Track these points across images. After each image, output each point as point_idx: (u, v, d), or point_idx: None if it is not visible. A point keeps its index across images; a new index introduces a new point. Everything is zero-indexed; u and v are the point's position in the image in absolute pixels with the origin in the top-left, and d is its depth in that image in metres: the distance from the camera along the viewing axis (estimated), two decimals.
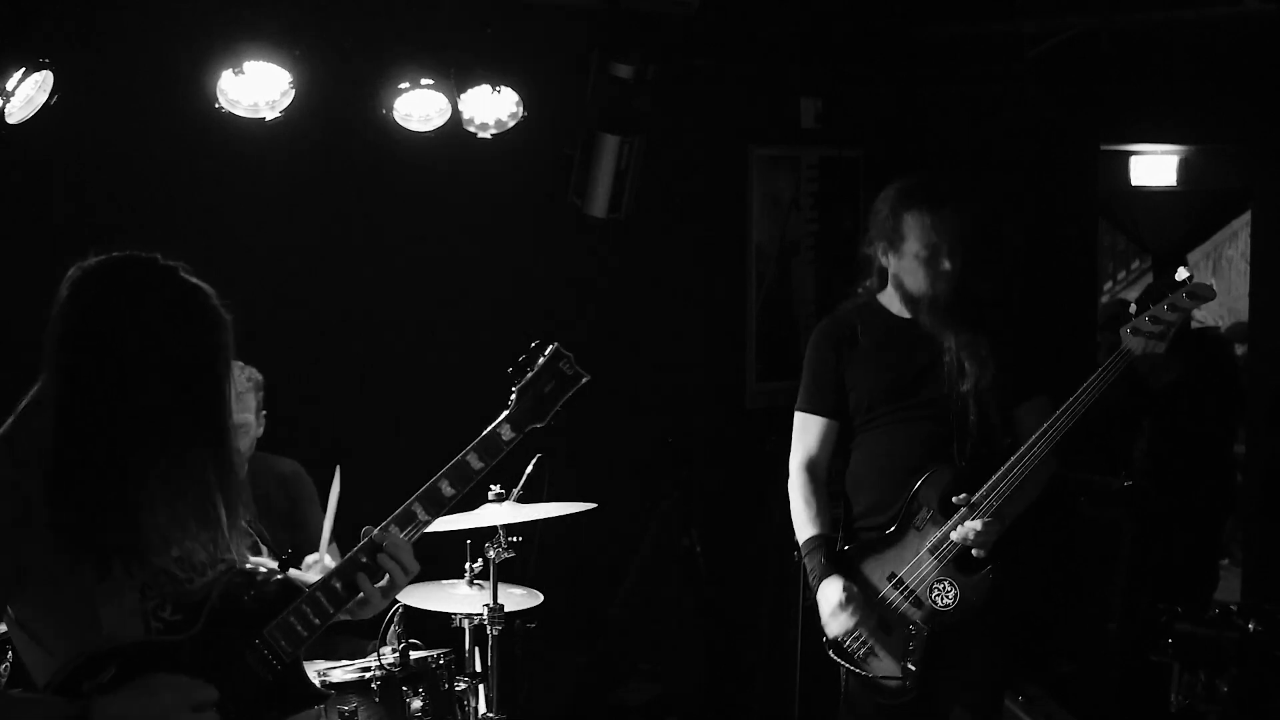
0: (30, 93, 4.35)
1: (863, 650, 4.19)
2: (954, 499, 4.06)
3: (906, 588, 4.14)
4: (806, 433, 4.39)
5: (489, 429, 3.23)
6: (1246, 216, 8.35)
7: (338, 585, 2.95)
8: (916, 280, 4.23)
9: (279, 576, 2.97)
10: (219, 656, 2.81)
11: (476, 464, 3.17)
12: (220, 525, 2.86)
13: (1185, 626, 4.73)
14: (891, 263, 4.30)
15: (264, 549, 3.56)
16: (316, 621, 2.92)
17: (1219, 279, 9.70)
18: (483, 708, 4.47)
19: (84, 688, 2.66)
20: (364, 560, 2.99)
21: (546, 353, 3.30)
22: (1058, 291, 7.14)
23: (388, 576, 3.01)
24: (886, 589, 4.17)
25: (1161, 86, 6.89)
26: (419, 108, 5.26)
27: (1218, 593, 7.08)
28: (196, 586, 2.83)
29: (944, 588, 4.10)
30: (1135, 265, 10.62)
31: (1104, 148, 7.65)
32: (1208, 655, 4.65)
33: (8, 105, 4.29)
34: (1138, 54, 6.78)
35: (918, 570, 4.12)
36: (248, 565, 2.95)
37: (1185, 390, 6.36)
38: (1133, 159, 8.50)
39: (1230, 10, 6.22)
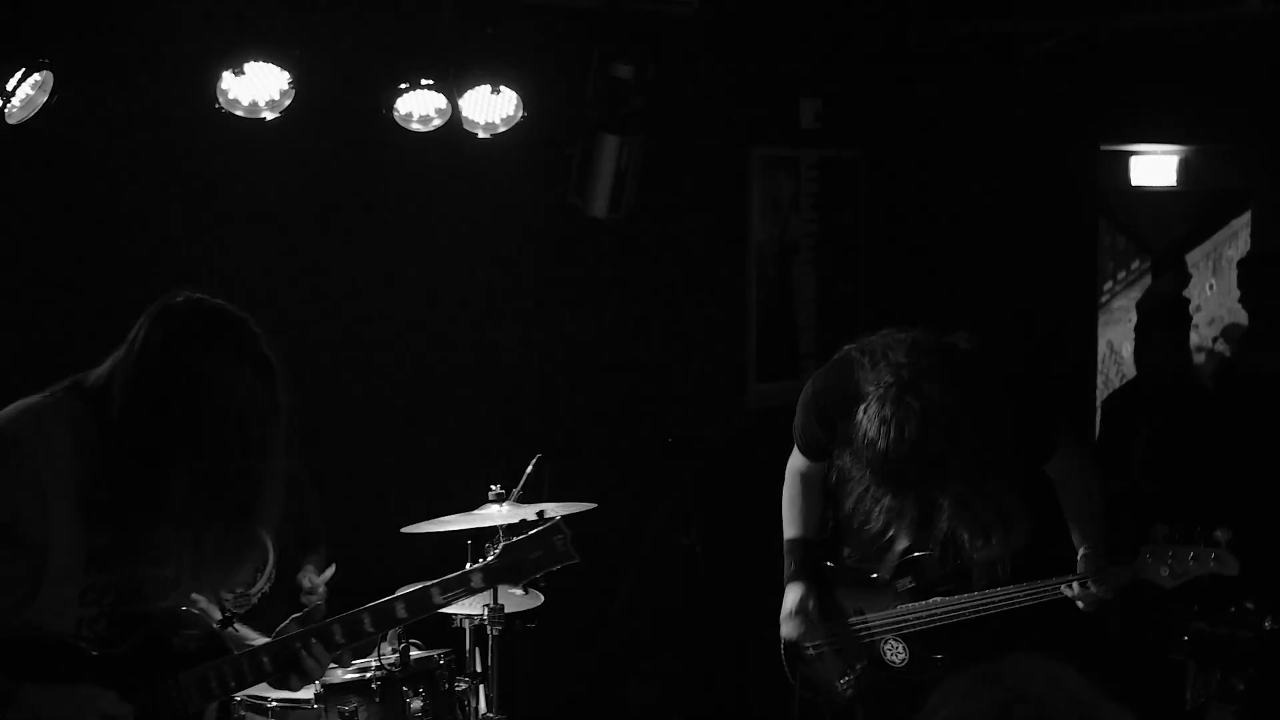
0: (30, 93, 4.35)
1: (810, 655, 4.23)
2: (931, 599, 4.09)
3: (868, 628, 4.18)
4: (795, 454, 4.41)
5: (463, 570, 3.26)
6: (1246, 216, 8.34)
7: (264, 660, 3.02)
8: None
9: (214, 629, 3.04)
10: (135, 682, 2.89)
11: (438, 598, 3.22)
12: (204, 572, 2.92)
13: (1201, 625, 4.72)
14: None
15: (213, 604, 3.62)
16: (232, 684, 2.99)
17: (1219, 279, 9.69)
18: (483, 708, 4.47)
19: (11, 670, 2.75)
20: (293, 649, 3.03)
21: (547, 523, 3.29)
22: (1058, 291, 7.14)
23: (297, 678, 3.07)
24: (851, 619, 4.21)
25: (1161, 86, 6.89)
26: (419, 108, 5.26)
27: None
28: (137, 610, 2.88)
29: (898, 647, 4.14)
30: (1135, 265, 10.60)
31: (1104, 148, 7.65)
32: (1224, 653, 4.65)
33: (7, 106, 4.29)
34: (1137, 54, 6.79)
35: (881, 621, 4.16)
36: (192, 609, 3.01)
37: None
38: (1133, 159, 8.48)
39: (1230, 11, 6.22)
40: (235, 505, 2.85)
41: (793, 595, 4.22)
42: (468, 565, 3.41)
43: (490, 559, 3.25)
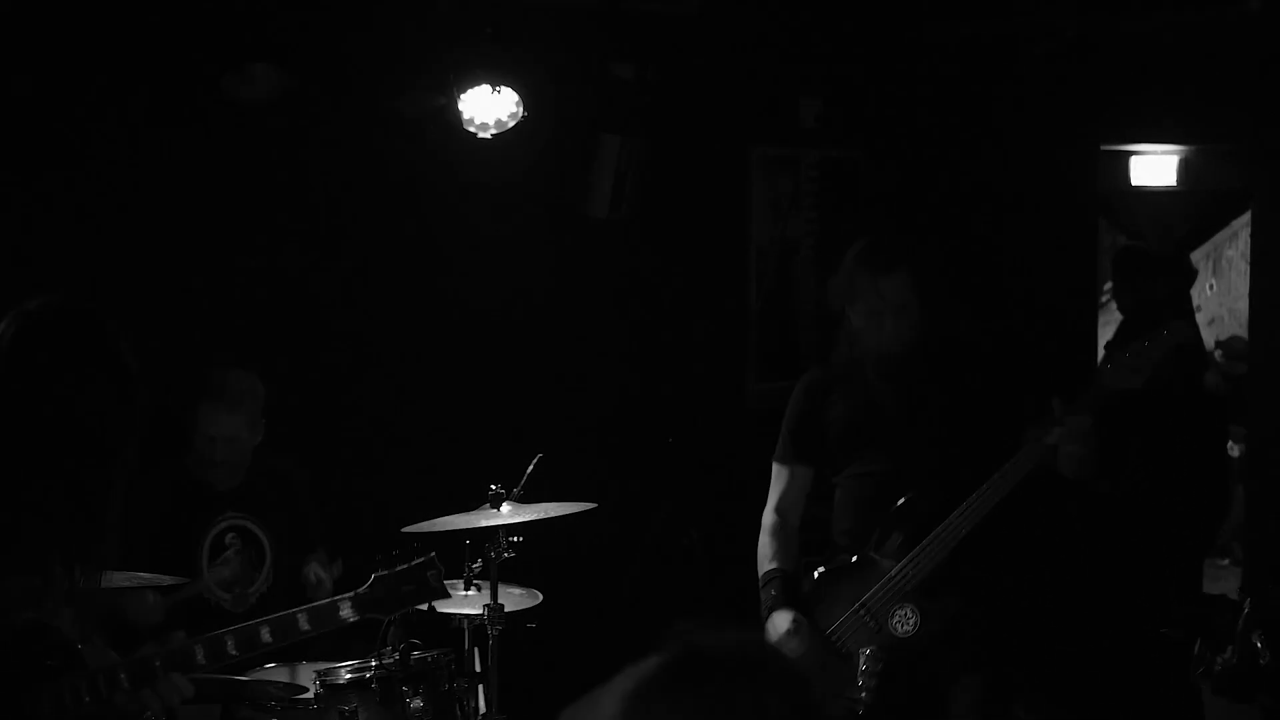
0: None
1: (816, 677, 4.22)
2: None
3: (870, 613, 4.16)
4: (779, 480, 4.46)
5: (331, 599, 3.21)
6: (1246, 216, 8.34)
7: (121, 676, 2.95)
8: (870, 339, 4.29)
9: (75, 644, 2.97)
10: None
11: (304, 625, 3.15)
12: (66, 579, 2.89)
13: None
14: (852, 320, 4.35)
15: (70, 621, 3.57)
16: (86, 699, 2.92)
17: (1219, 279, 9.69)
18: (483, 708, 4.47)
19: None
20: (150, 668, 2.98)
21: (421, 559, 3.25)
22: (1058, 291, 7.14)
23: (153, 697, 3.00)
24: (849, 613, 4.19)
25: (1161, 86, 6.89)
26: (419, 108, 5.25)
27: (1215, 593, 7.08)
28: None
29: (905, 614, 4.11)
30: None
31: (1104, 148, 7.65)
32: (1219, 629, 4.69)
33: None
34: (1138, 54, 6.79)
35: (881, 595, 4.14)
36: (53, 622, 2.96)
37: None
38: (1133, 159, 8.50)
39: (1230, 11, 6.22)
40: (87, 510, 2.81)
41: (782, 620, 4.22)
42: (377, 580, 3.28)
43: (361, 589, 3.21)
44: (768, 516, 4.47)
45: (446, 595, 3.31)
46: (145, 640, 4.55)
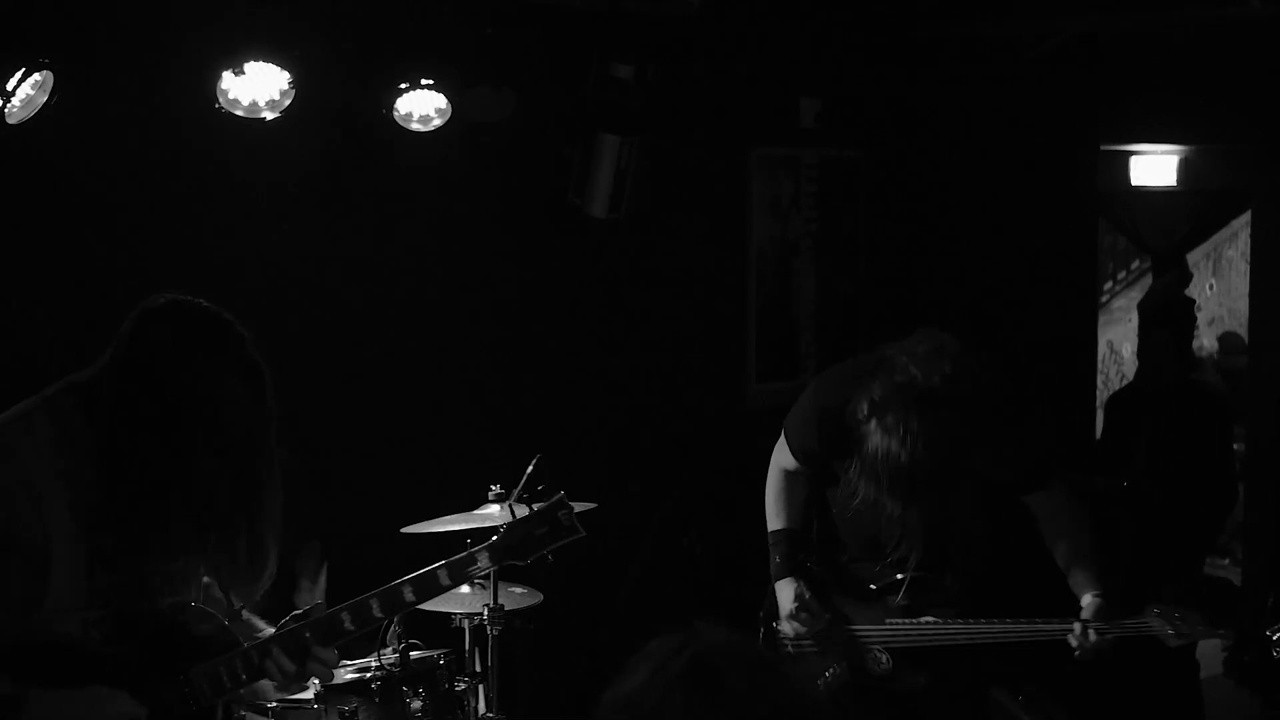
0: (30, 93, 4.35)
1: (788, 651, 4.24)
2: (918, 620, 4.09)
3: (852, 639, 4.18)
4: (783, 452, 4.35)
5: (469, 551, 3.21)
6: (1246, 216, 8.35)
7: (274, 650, 3.01)
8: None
9: (223, 623, 3.03)
10: (146, 680, 2.89)
11: (445, 580, 3.19)
12: (219, 568, 2.93)
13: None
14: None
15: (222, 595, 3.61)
16: (243, 676, 2.99)
17: (1219, 279, 9.69)
18: (483, 708, 4.47)
19: (19, 676, 2.75)
20: (302, 640, 3.03)
21: (552, 500, 3.27)
22: (1058, 292, 7.14)
23: (310, 670, 3.06)
24: (835, 624, 4.20)
25: (1161, 86, 6.89)
26: (419, 108, 5.26)
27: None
28: (144, 608, 2.88)
29: (883, 659, 4.14)
30: (1135, 265, 10.61)
31: (1104, 148, 7.65)
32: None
33: (7, 106, 4.29)
34: (1137, 54, 6.79)
35: (869, 632, 4.16)
36: (199, 604, 3.00)
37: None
38: (1133, 159, 8.49)
39: (1230, 11, 6.22)
40: (237, 503, 2.86)
41: (788, 591, 4.19)
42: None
43: (495, 538, 3.23)
44: (775, 468, 4.34)
45: (581, 533, 3.30)
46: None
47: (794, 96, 6.83)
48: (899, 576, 4.09)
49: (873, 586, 4.17)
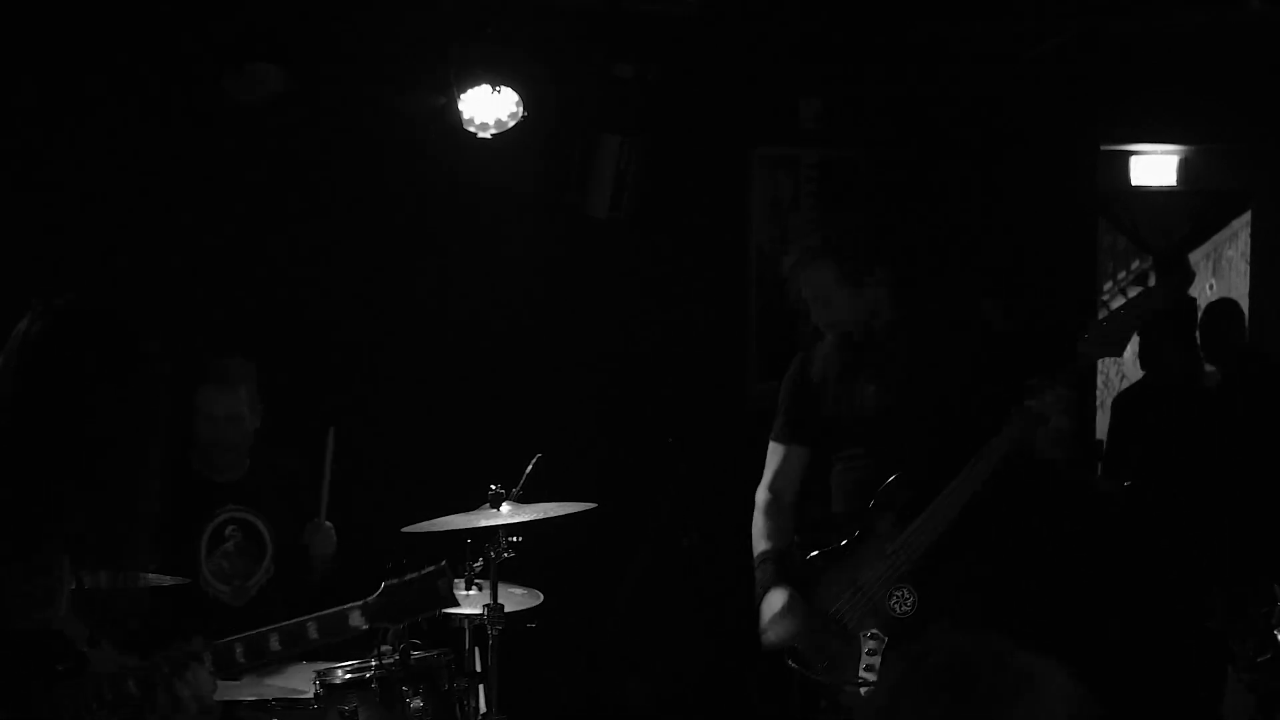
0: None
1: (817, 658, 4.21)
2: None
3: (867, 595, 4.15)
4: (775, 457, 4.47)
5: (341, 607, 3.14)
6: (1246, 216, 8.34)
7: (129, 683, 2.89)
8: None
9: (80, 649, 2.92)
10: (4, 703, 2.81)
11: (313, 634, 3.08)
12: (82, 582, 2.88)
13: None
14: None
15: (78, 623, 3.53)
16: (108, 697, 2.87)
17: (1219, 279, 9.69)
18: (483, 708, 4.47)
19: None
20: (161, 673, 2.91)
21: (431, 567, 3.23)
22: (1058, 291, 7.14)
23: (166, 703, 2.93)
24: (846, 597, 4.18)
25: (1161, 86, 6.89)
26: (420, 107, 5.25)
27: None
28: (9, 626, 2.82)
29: (903, 595, 4.10)
30: (1135, 265, 10.60)
31: (1104, 148, 7.65)
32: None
33: None
34: (1137, 54, 6.78)
35: (877, 577, 4.13)
36: (62, 626, 2.93)
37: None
38: (1133, 159, 8.48)
39: (1230, 11, 6.22)
40: (109, 511, 2.81)
41: (777, 598, 4.21)
42: (372, 595, 3.22)
43: (370, 598, 3.19)
44: (761, 494, 4.48)
45: (456, 604, 3.28)
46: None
47: (794, 96, 6.83)
48: (888, 481, 4.13)
49: (856, 533, 4.18)
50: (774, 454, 4.50)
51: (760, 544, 4.41)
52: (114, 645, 3.00)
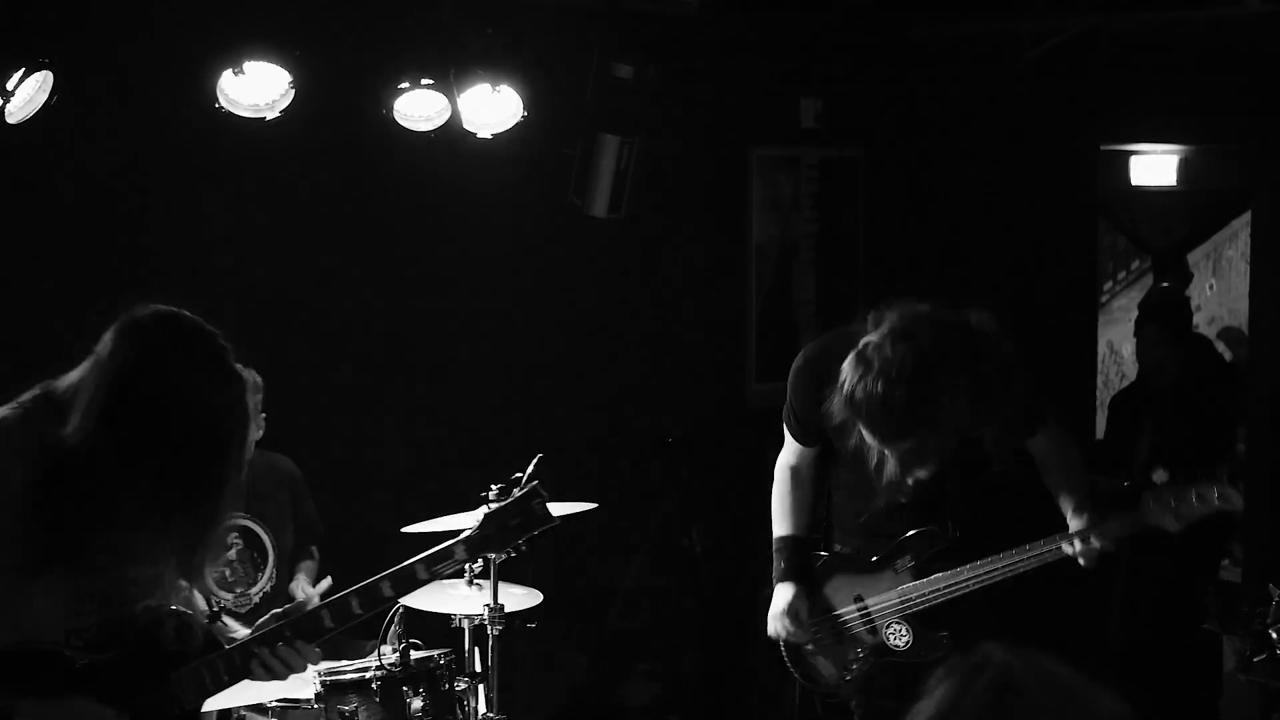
0: (30, 93, 4.36)
1: (811, 651, 4.23)
2: (932, 575, 4.06)
3: (868, 614, 4.16)
4: (791, 444, 4.39)
5: (445, 544, 3.19)
6: (1246, 216, 8.34)
7: (257, 649, 3.00)
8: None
9: (204, 625, 3.04)
10: (128, 687, 2.89)
11: (423, 574, 3.15)
12: (183, 565, 2.94)
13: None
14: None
15: (200, 598, 3.62)
16: (226, 679, 2.98)
17: (1219, 279, 9.68)
18: (483, 708, 4.47)
19: (8, 686, 2.75)
20: (283, 638, 3.02)
21: (523, 489, 3.27)
22: (1058, 291, 7.14)
23: (285, 665, 3.04)
24: (850, 607, 4.19)
25: (1161, 86, 6.89)
26: (419, 108, 5.26)
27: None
28: (124, 614, 2.89)
29: (900, 630, 4.12)
30: (1135, 265, 10.60)
31: (1104, 148, 7.65)
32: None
33: (8, 105, 4.30)
34: (1138, 54, 6.78)
35: (883, 605, 4.14)
36: (179, 608, 3.00)
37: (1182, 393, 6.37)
38: (1133, 159, 8.49)
39: (1230, 11, 6.22)
40: (202, 507, 2.86)
41: (783, 595, 4.21)
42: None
43: (470, 531, 3.22)
44: (781, 470, 4.33)
45: (555, 522, 3.30)
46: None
47: (794, 96, 6.84)
48: (905, 535, 4.09)
49: (874, 559, 4.16)
50: (790, 441, 4.34)
51: (779, 526, 4.31)
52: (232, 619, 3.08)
